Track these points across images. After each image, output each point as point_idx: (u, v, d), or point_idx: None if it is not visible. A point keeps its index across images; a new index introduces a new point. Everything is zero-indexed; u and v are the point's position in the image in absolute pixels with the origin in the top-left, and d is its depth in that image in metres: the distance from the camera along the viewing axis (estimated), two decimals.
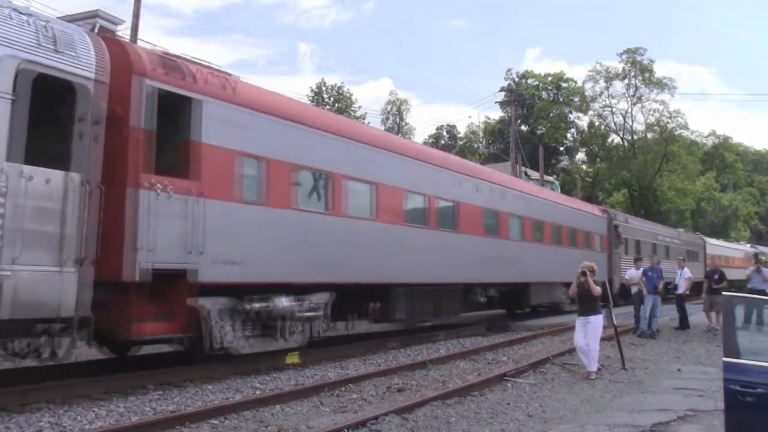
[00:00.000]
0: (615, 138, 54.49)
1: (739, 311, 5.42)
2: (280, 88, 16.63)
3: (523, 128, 58.68)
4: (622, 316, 17.30)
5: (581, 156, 61.68)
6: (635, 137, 52.43)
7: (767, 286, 16.27)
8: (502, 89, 54.94)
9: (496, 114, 62.86)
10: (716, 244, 44.26)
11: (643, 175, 49.30)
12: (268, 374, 10.39)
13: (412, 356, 12.93)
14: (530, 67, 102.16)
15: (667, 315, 19.13)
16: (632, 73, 50.08)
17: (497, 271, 17.55)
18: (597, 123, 54.27)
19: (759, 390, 4.66)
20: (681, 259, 21.08)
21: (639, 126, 52.28)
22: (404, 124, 59.70)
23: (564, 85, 60.46)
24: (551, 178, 49.95)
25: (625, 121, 52.44)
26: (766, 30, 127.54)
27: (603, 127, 54.20)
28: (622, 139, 53.50)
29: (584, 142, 57.62)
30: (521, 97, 53.94)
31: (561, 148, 61.66)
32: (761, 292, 14.91)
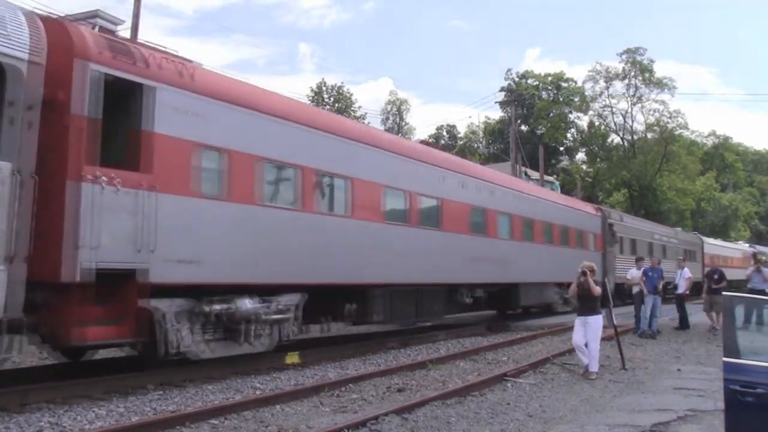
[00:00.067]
0: (615, 138, 54.65)
1: (739, 311, 5.42)
2: (280, 88, 16.60)
3: (523, 128, 58.68)
4: (622, 316, 17.31)
5: (581, 156, 61.82)
6: (635, 137, 52.49)
7: (767, 286, 16.29)
8: (502, 89, 54.99)
9: (496, 114, 63.01)
10: (714, 244, 44.15)
11: (643, 175, 49.33)
12: (268, 374, 10.38)
13: (412, 356, 12.92)
14: (530, 67, 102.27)
15: (667, 315, 19.13)
16: (632, 73, 50.15)
17: (484, 271, 16.94)
18: (597, 123, 54.37)
19: (759, 390, 4.66)
20: (681, 259, 21.11)
21: (639, 126, 52.47)
22: (404, 124, 59.80)
23: (564, 85, 60.45)
24: (551, 178, 49.96)
25: (625, 121, 52.59)
26: (766, 30, 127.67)
27: (603, 127, 54.25)
28: (622, 139, 53.55)
29: (584, 142, 57.64)
30: (521, 97, 53.92)
31: (561, 148, 61.66)
32: (761, 292, 14.94)
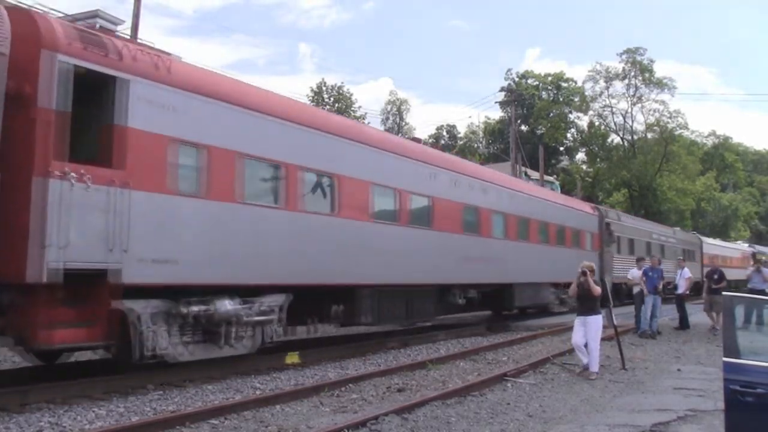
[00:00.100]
0: (615, 138, 54.61)
1: (739, 311, 5.43)
2: (280, 88, 16.56)
3: (523, 128, 58.68)
4: (622, 316, 17.31)
5: (581, 156, 61.79)
6: (635, 137, 52.46)
7: (767, 286, 16.30)
8: (502, 89, 54.94)
9: (496, 114, 63.03)
10: (713, 244, 44.07)
11: (643, 175, 49.31)
12: (268, 374, 10.38)
13: (412, 356, 12.93)
14: (530, 67, 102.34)
15: (667, 315, 19.13)
16: (632, 73, 50.10)
17: (477, 271, 16.60)
18: (597, 123, 54.33)
19: (759, 390, 4.66)
20: (680, 259, 21.12)
21: (639, 126, 52.42)
22: (404, 124, 59.77)
23: (564, 85, 60.44)
24: (551, 178, 49.96)
25: (625, 121, 52.54)
26: (766, 30, 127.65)
27: (603, 127, 54.21)
28: (622, 139, 53.52)
29: (584, 142, 57.63)
30: (521, 97, 53.91)
31: (561, 148, 61.66)
32: (761, 292, 14.95)
